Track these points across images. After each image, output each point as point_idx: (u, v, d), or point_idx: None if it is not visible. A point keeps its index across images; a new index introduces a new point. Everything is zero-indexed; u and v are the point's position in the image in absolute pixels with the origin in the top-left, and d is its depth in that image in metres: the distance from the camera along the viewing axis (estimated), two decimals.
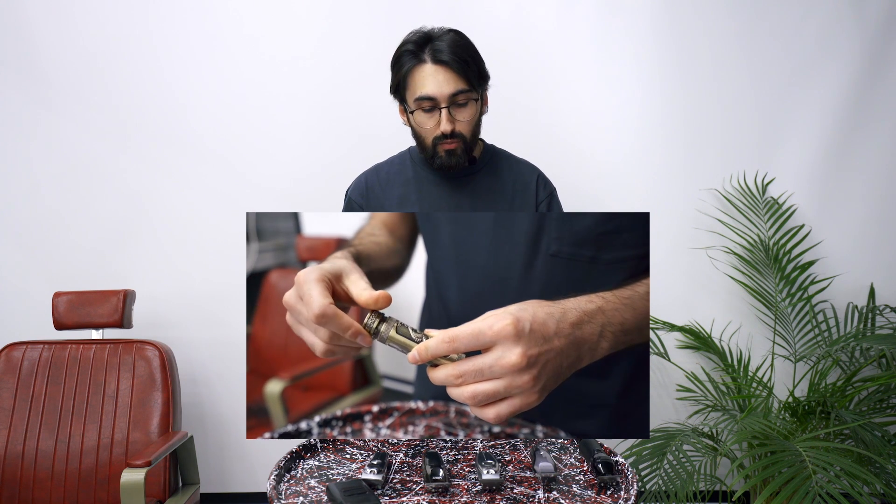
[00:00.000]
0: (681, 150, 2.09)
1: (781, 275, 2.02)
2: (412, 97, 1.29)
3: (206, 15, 2.06)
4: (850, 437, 1.76)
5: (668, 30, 2.05)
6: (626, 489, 1.06)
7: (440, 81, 1.26)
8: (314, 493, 1.06)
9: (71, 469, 1.75)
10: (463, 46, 1.28)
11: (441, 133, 1.29)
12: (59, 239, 2.12)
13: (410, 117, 1.33)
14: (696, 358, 2.13)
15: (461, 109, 1.29)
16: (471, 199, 1.40)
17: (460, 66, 1.26)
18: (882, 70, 2.03)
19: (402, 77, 1.30)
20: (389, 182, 1.43)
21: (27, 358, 1.84)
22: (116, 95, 2.08)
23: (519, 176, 1.44)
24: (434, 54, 1.26)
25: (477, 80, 1.30)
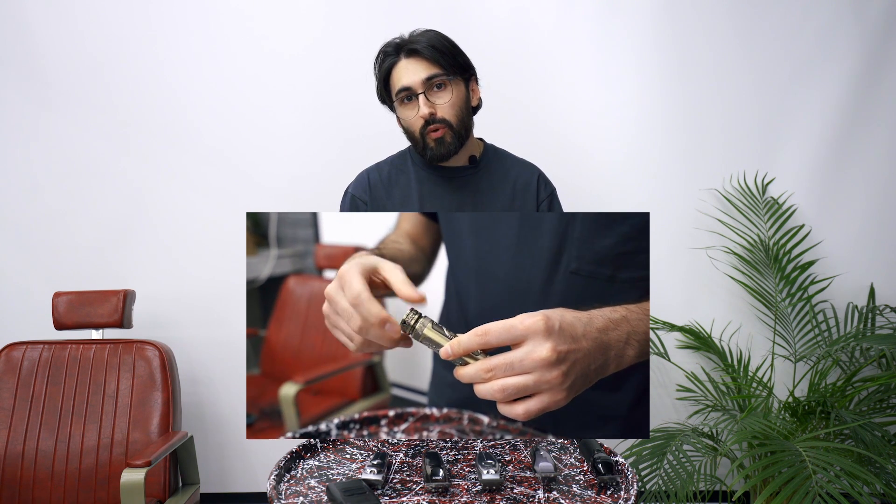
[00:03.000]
0: (681, 150, 2.09)
1: (781, 275, 2.02)
2: (394, 96, 1.34)
3: (206, 13, 2.06)
4: (850, 437, 1.76)
5: (668, 29, 2.05)
6: (626, 489, 1.06)
7: (412, 70, 1.30)
8: (314, 493, 1.06)
9: (71, 469, 1.75)
10: (435, 37, 1.32)
11: (421, 118, 1.31)
12: (59, 239, 2.12)
13: (398, 115, 1.36)
14: (696, 358, 2.13)
15: (438, 93, 1.31)
16: (472, 198, 1.40)
17: (430, 52, 1.29)
18: (882, 70, 2.03)
19: (382, 80, 1.35)
20: (391, 181, 1.43)
21: (27, 358, 1.84)
22: (116, 95, 2.08)
23: (520, 176, 1.44)
24: (407, 49, 1.31)
25: (451, 66, 1.32)
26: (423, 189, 1.40)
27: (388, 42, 1.34)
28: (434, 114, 1.31)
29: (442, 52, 1.30)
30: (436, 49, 1.29)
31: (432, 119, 1.31)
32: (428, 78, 1.29)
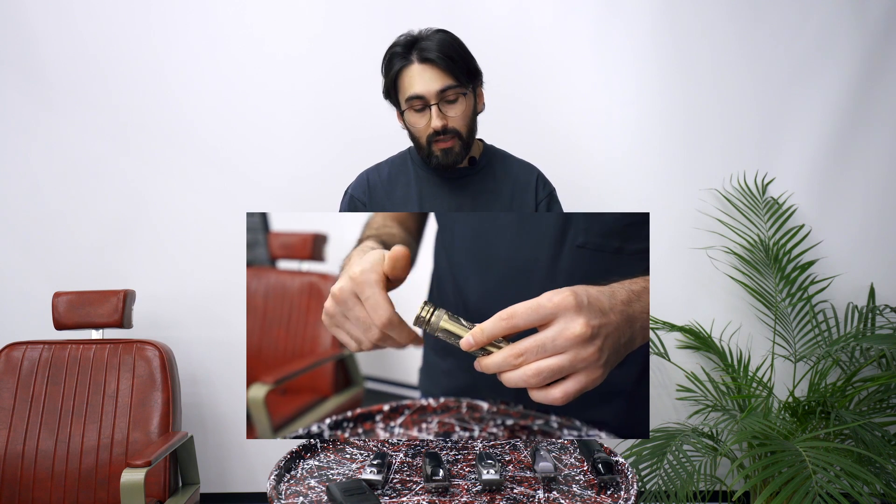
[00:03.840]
0: (681, 150, 2.09)
1: (781, 275, 2.02)
2: (403, 98, 1.31)
3: (206, 14, 2.06)
4: (850, 437, 1.76)
5: (668, 29, 2.05)
6: (626, 489, 1.06)
7: (427, 79, 1.27)
8: (314, 493, 1.06)
9: (71, 469, 1.75)
10: (449, 44, 1.29)
11: (433, 130, 1.30)
12: (59, 239, 2.12)
13: (404, 118, 1.34)
14: (696, 358, 2.13)
15: (451, 105, 1.30)
16: (471, 199, 1.40)
17: (446, 63, 1.26)
18: (882, 70, 2.03)
19: (391, 79, 1.31)
20: (391, 181, 1.43)
21: (27, 358, 1.84)
22: (116, 95, 2.08)
23: (519, 176, 1.44)
24: (420, 53, 1.27)
25: (465, 75, 1.30)
26: (423, 190, 1.40)
27: (398, 40, 1.30)
28: (446, 125, 1.29)
29: (456, 61, 1.28)
30: (451, 59, 1.27)
31: (443, 130, 1.30)
32: (442, 90, 1.27)
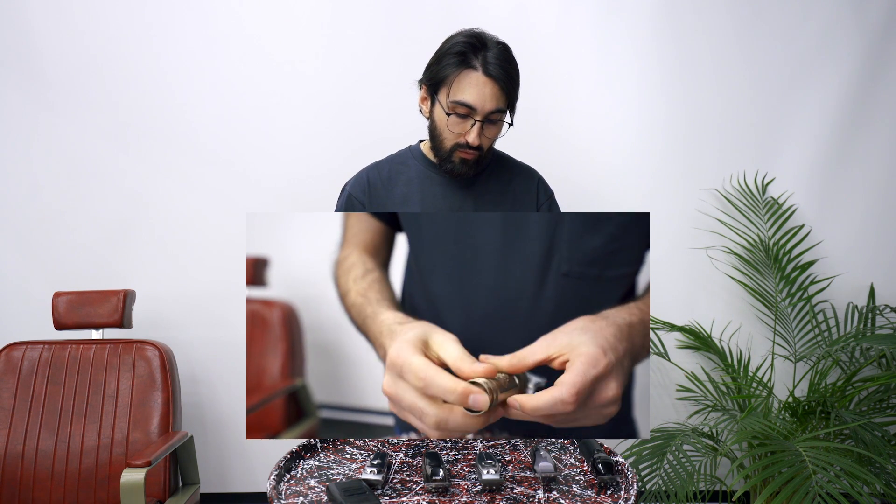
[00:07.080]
0: (681, 150, 2.09)
1: (781, 275, 2.02)
2: (449, 97, 1.26)
3: (206, 15, 2.06)
4: (850, 437, 1.76)
5: (668, 30, 2.05)
6: (626, 489, 1.06)
7: (486, 95, 1.24)
8: (314, 493, 1.06)
9: (71, 469, 1.75)
10: (512, 63, 1.27)
11: (466, 143, 1.28)
12: (59, 239, 2.12)
13: (436, 111, 1.31)
14: (696, 358, 2.13)
15: (491, 126, 1.29)
16: (472, 201, 1.40)
17: (507, 86, 1.25)
18: (882, 70, 2.03)
19: (447, 74, 1.26)
20: (391, 180, 1.42)
21: (27, 358, 1.84)
22: (117, 95, 2.08)
23: (520, 180, 1.44)
24: (486, 65, 1.24)
25: (512, 100, 1.30)
26: (424, 188, 1.39)
27: (465, 35, 1.25)
28: (480, 144, 1.29)
29: (514, 85, 1.27)
30: (512, 82, 1.26)
31: (477, 147, 1.29)
32: (493, 111, 1.26)
